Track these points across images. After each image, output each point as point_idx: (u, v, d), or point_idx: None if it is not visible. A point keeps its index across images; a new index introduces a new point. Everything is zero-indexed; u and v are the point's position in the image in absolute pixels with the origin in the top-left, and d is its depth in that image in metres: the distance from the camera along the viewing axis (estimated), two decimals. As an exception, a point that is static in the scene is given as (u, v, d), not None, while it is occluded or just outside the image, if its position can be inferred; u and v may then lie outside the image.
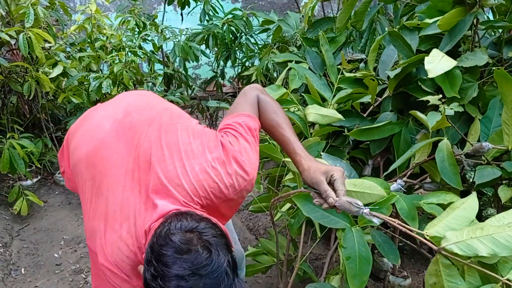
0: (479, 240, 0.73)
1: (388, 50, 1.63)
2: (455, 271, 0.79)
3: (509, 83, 1.09)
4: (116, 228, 1.04)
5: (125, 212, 1.05)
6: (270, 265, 2.03)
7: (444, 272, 0.80)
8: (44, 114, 3.66)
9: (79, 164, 1.20)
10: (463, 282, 0.78)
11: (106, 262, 1.02)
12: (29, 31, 2.81)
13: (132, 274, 1.02)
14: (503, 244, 0.70)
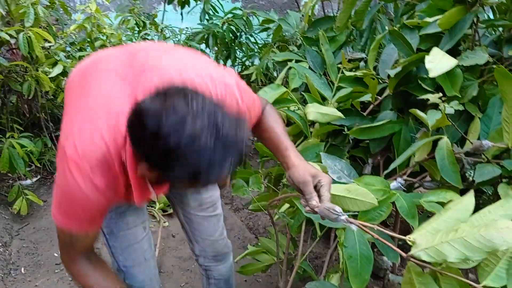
0: (450, 244, 0.68)
1: (389, 49, 1.63)
2: (428, 279, 0.75)
3: (509, 81, 1.09)
4: (95, 120, 1.00)
5: (110, 109, 1.01)
6: (270, 264, 2.03)
7: (417, 280, 0.76)
8: (44, 113, 3.66)
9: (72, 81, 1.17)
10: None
11: (74, 152, 0.97)
12: (29, 31, 2.81)
13: (97, 169, 0.97)
14: (475, 247, 0.65)
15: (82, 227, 1.09)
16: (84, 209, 1.03)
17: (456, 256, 0.66)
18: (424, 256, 0.72)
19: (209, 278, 1.80)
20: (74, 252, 1.16)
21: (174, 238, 3.01)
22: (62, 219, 1.07)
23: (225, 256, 1.75)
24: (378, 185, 1.22)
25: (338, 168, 1.34)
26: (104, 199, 1.02)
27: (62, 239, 1.14)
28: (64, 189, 1.02)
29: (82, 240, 1.12)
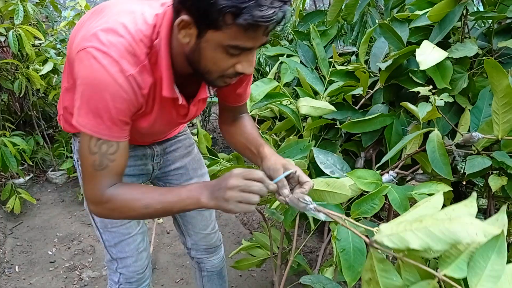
0: (414, 232, 0.68)
1: (379, 42, 1.64)
2: (389, 266, 0.75)
3: (499, 73, 1.10)
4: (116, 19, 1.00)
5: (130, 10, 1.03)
6: (264, 258, 2.03)
7: (378, 267, 0.75)
8: (35, 111, 3.64)
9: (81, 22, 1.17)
10: (398, 277, 0.74)
11: (100, 44, 0.96)
12: (18, 28, 2.79)
13: (124, 58, 0.97)
14: (438, 237, 0.65)
15: (112, 132, 1.01)
16: (114, 99, 0.97)
17: (419, 244, 0.67)
18: (387, 242, 0.71)
19: (202, 271, 1.81)
20: (103, 178, 1.03)
21: (169, 234, 3.01)
22: (90, 121, 0.98)
23: (217, 248, 1.78)
24: (370, 179, 1.23)
25: (330, 163, 1.35)
26: (131, 91, 0.99)
27: (89, 162, 1.02)
28: (91, 81, 0.96)
29: (113, 154, 1.03)
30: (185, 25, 0.93)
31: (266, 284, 2.46)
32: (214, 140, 4.70)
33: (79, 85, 0.98)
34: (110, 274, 1.55)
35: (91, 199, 1.05)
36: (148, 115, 1.13)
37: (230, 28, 0.88)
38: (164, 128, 1.29)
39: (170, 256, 2.75)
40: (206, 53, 0.95)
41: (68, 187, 3.66)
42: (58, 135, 3.67)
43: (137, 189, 1.06)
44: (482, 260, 0.66)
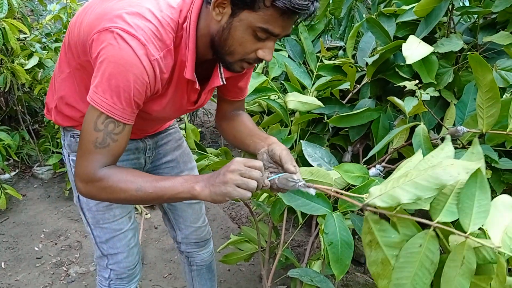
0: (402, 188, 0.72)
1: (366, 37, 1.64)
2: (386, 225, 0.78)
3: (483, 68, 1.11)
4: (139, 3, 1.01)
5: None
6: (252, 252, 2.04)
7: (376, 228, 0.79)
8: (21, 106, 3.60)
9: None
10: (396, 234, 0.77)
11: (127, 26, 0.96)
12: (3, 22, 2.75)
13: (151, 41, 0.98)
14: (425, 186, 0.68)
15: (124, 112, 1.01)
16: (136, 81, 0.98)
17: (408, 197, 0.70)
18: (378, 202, 0.75)
19: (191, 265, 1.82)
20: (101, 156, 1.02)
21: (157, 229, 3.00)
22: (107, 99, 0.98)
23: (207, 242, 1.79)
24: (357, 172, 1.24)
25: (318, 156, 1.35)
26: (153, 75, 1.01)
27: (92, 138, 1.01)
28: (117, 60, 0.96)
29: (117, 134, 1.03)
30: (221, 3, 0.97)
31: (254, 278, 2.47)
32: (202, 135, 4.69)
33: (102, 63, 0.97)
34: (100, 270, 1.54)
35: (82, 176, 1.03)
36: (162, 98, 1.15)
37: (266, 10, 0.93)
38: (172, 113, 1.29)
39: (158, 251, 2.74)
40: (236, 32, 0.99)
41: (55, 183, 3.63)
42: (44, 130, 3.63)
43: (131, 172, 1.05)
44: (468, 199, 0.69)
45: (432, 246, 0.71)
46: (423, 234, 0.72)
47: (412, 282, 0.72)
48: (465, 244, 0.67)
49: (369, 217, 0.79)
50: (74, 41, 1.12)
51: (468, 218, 0.68)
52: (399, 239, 0.77)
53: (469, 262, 0.67)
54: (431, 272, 0.71)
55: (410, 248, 0.72)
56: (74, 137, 1.33)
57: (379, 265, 0.80)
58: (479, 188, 0.69)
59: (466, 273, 0.68)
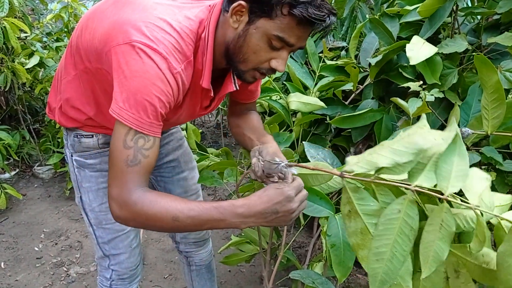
0: (379, 154, 0.71)
1: (369, 37, 1.63)
2: (364, 193, 0.78)
3: (488, 68, 1.10)
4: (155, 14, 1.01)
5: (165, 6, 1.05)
6: (253, 254, 2.03)
7: (355, 197, 0.78)
8: (21, 105, 3.59)
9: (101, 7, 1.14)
10: (375, 202, 0.76)
11: (147, 40, 0.96)
12: (4, 21, 2.75)
13: (172, 55, 0.98)
14: (402, 151, 0.68)
15: (152, 126, 0.99)
16: (161, 95, 0.97)
17: (386, 162, 0.70)
18: (356, 169, 0.75)
19: (190, 265, 1.81)
20: (134, 175, 0.97)
21: (157, 229, 2.99)
22: (134, 114, 0.96)
23: (206, 241, 1.79)
24: (360, 174, 1.23)
25: (321, 157, 1.34)
26: (176, 88, 1.01)
27: (123, 157, 0.97)
28: (142, 75, 0.95)
29: (148, 149, 0.99)
30: (239, 10, 0.98)
31: (255, 279, 2.46)
32: (203, 135, 4.68)
33: (126, 79, 0.96)
34: (102, 271, 1.54)
35: (118, 200, 0.97)
36: (179, 107, 1.15)
37: (283, 19, 0.95)
38: (185, 119, 1.30)
39: (158, 252, 2.74)
40: (252, 40, 1.00)
41: (55, 182, 3.62)
42: (45, 130, 3.63)
43: (167, 198, 0.99)
44: (447, 165, 0.69)
45: (411, 211, 0.70)
46: (401, 199, 0.71)
47: (392, 249, 0.70)
48: (444, 207, 0.66)
49: (348, 185, 0.79)
50: (84, 46, 1.10)
51: (446, 182, 0.68)
52: (378, 207, 0.76)
53: (448, 225, 0.66)
54: (411, 239, 0.70)
55: (389, 214, 0.71)
56: (78, 137, 1.32)
57: (358, 235, 0.80)
58: (458, 155, 0.69)
59: (445, 236, 0.66)
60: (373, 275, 0.72)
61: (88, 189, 1.37)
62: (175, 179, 1.60)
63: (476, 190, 0.69)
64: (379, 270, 0.72)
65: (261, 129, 1.34)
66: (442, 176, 0.68)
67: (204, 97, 1.19)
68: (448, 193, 0.67)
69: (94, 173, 1.34)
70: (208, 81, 1.09)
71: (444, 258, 0.66)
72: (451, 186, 0.67)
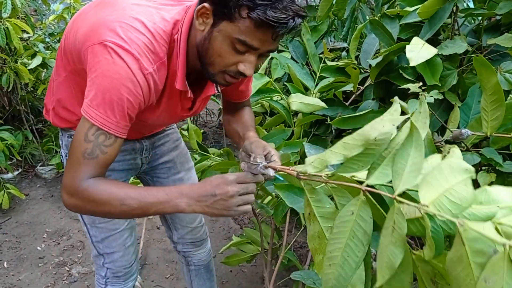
0: (331, 151, 0.68)
1: (370, 38, 1.64)
2: (320, 194, 0.75)
3: (488, 70, 1.10)
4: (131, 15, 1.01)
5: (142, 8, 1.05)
6: (255, 254, 2.04)
7: (312, 199, 0.75)
8: (24, 106, 3.61)
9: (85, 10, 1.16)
10: (332, 204, 0.73)
11: (120, 40, 0.97)
12: (6, 22, 2.76)
13: (144, 55, 0.99)
14: (351, 144, 0.64)
15: (118, 126, 1.00)
16: (130, 95, 0.98)
17: (336, 158, 0.67)
18: (310, 169, 0.72)
19: (189, 265, 1.82)
20: (88, 167, 1.00)
21: (159, 229, 3.00)
22: (101, 113, 0.98)
23: (203, 241, 1.79)
24: (360, 175, 1.23)
25: (321, 158, 1.35)
26: (147, 89, 1.01)
27: (81, 149, 0.99)
28: (112, 75, 0.96)
29: (108, 146, 1.01)
30: (204, 13, 0.98)
31: (257, 279, 2.46)
32: (205, 135, 4.69)
33: (96, 77, 0.98)
34: (97, 269, 1.57)
35: (68, 188, 1.01)
36: (156, 108, 1.15)
37: (243, 22, 0.92)
38: (167, 120, 1.30)
39: (160, 252, 2.74)
40: (215, 42, 0.98)
41: (58, 182, 3.63)
42: (47, 130, 3.64)
43: (116, 184, 1.03)
44: (403, 159, 0.63)
45: (364, 213, 0.65)
46: (355, 200, 0.66)
47: (343, 254, 0.65)
48: (395, 207, 0.59)
49: (305, 187, 0.77)
50: (70, 48, 1.12)
51: (399, 179, 0.61)
52: (333, 209, 0.74)
53: (399, 228, 0.58)
54: (365, 244, 0.64)
55: (343, 217, 0.66)
56: (71, 137, 1.34)
57: (316, 239, 0.77)
58: (415, 147, 0.63)
59: (398, 240, 0.59)
60: (325, 281, 0.67)
61: None
62: (171, 180, 1.60)
63: (439, 187, 0.57)
64: (331, 276, 0.67)
65: (248, 123, 1.33)
66: (396, 173, 0.62)
67: (184, 98, 1.18)
68: (399, 191, 0.60)
69: None
70: (182, 83, 1.08)
71: (397, 264, 0.59)
72: (402, 184, 0.61)
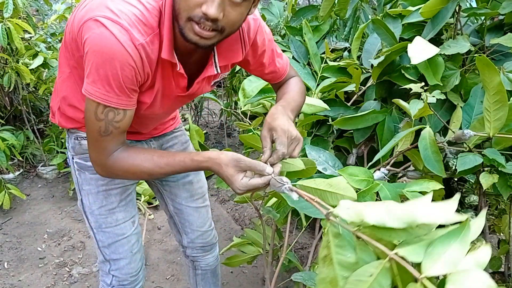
0: (373, 208, 0.64)
1: (372, 38, 1.63)
2: (345, 241, 0.70)
3: (490, 70, 1.09)
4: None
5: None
6: (255, 255, 2.03)
7: (334, 242, 0.70)
8: (25, 106, 3.61)
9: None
10: (353, 254, 0.69)
11: (110, 13, 0.95)
12: (8, 22, 2.75)
13: (135, 26, 0.97)
14: (396, 214, 0.61)
15: (120, 99, 1.02)
16: (123, 68, 0.97)
17: (374, 218, 0.63)
18: (343, 214, 0.68)
19: (196, 269, 1.80)
20: (108, 143, 1.06)
21: (160, 230, 2.99)
22: (99, 89, 0.99)
23: (213, 246, 1.77)
24: (362, 176, 1.22)
25: (323, 160, 1.34)
26: (139, 60, 1.00)
27: (95, 127, 1.04)
28: (101, 48, 0.95)
29: (119, 122, 1.05)
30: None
31: (257, 280, 2.45)
32: (206, 135, 4.68)
33: (88, 54, 0.97)
34: (103, 276, 1.51)
35: (97, 162, 1.10)
36: (151, 88, 1.14)
37: None
38: (165, 102, 1.24)
39: (161, 253, 2.74)
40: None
41: (59, 183, 3.63)
42: (49, 130, 3.64)
43: (142, 154, 1.10)
44: (442, 246, 0.61)
45: (384, 280, 0.62)
46: (377, 263, 0.64)
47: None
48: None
49: (330, 228, 0.72)
50: (69, 38, 1.11)
51: (430, 261, 0.59)
52: (354, 260, 0.69)
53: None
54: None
55: (361, 275, 0.64)
56: (78, 139, 1.32)
57: (327, 285, 0.72)
58: (460, 241, 0.61)
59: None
60: None
61: (88, 192, 1.36)
62: (181, 183, 1.59)
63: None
64: None
65: (284, 93, 1.30)
66: (430, 255, 0.60)
67: (177, 75, 1.14)
68: (427, 274, 0.58)
69: (94, 176, 1.33)
70: (169, 52, 1.04)
71: None
72: (433, 269, 0.59)
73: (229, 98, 3.91)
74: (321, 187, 1.08)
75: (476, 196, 1.92)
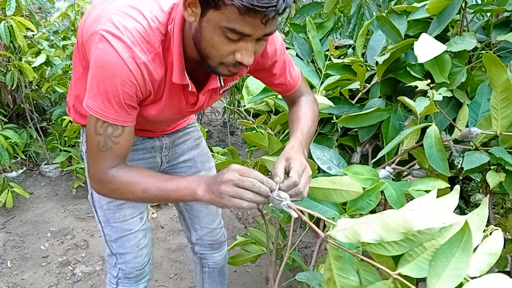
0: (369, 225, 0.62)
1: (376, 35, 1.61)
2: (346, 264, 0.68)
3: (498, 67, 1.07)
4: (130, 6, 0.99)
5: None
6: (259, 254, 2.01)
7: (335, 266, 0.68)
8: (28, 104, 3.60)
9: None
10: (356, 277, 0.68)
11: (114, 29, 0.95)
12: (10, 19, 2.75)
13: (138, 44, 0.96)
14: (391, 227, 0.59)
15: (119, 116, 1.01)
16: (124, 85, 0.97)
17: (371, 237, 0.61)
18: (340, 237, 0.66)
19: (203, 267, 1.80)
20: (106, 159, 1.05)
21: (163, 229, 2.99)
22: (99, 104, 0.99)
23: (221, 244, 1.78)
24: (366, 174, 1.21)
25: (327, 158, 1.32)
26: (141, 78, 0.99)
27: (95, 142, 1.04)
28: (103, 64, 0.96)
29: (118, 137, 1.04)
30: (191, 2, 0.92)
31: (261, 279, 2.44)
32: (209, 134, 4.67)
33: (92, 68, 0.99)
34: (109, 268, 1.56)
35: (94, 178, 1.08)
36: (157, 102, 1.13)
37: (228, 9, 0.85)
38: (172, 116, 1.25)
39: (164, 251, 2.73)
40: (206, 34, 0.92)
41: (62, 181, 3.63)
42: (52, 128, 3.63)
43: (139, 172, 1.07)
44: (445, 258, 0.60)
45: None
46: (381, 284, 0.63)
47: None
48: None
49: (331, 252, 0.70)
50: (81, 41, 1.12)
51: (436, 279, 0.58)
52: (357, 284, 0.68)
53: None
54: None
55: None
56: None
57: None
58: (462, 249, 0.59)
59: None
60: None
61: None
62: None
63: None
64: None
65: (297, 121, 1.25)
66: (435, 271, 0.59)
67: (188, 93, 1.14)
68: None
69: None
70: (180, 76, 1.04)
71: None
72: (438, 284, 0.58)
73: (232, 96, 3.89)
74: (324, 186, 1.07)
75: (482, 195, 1.90)
